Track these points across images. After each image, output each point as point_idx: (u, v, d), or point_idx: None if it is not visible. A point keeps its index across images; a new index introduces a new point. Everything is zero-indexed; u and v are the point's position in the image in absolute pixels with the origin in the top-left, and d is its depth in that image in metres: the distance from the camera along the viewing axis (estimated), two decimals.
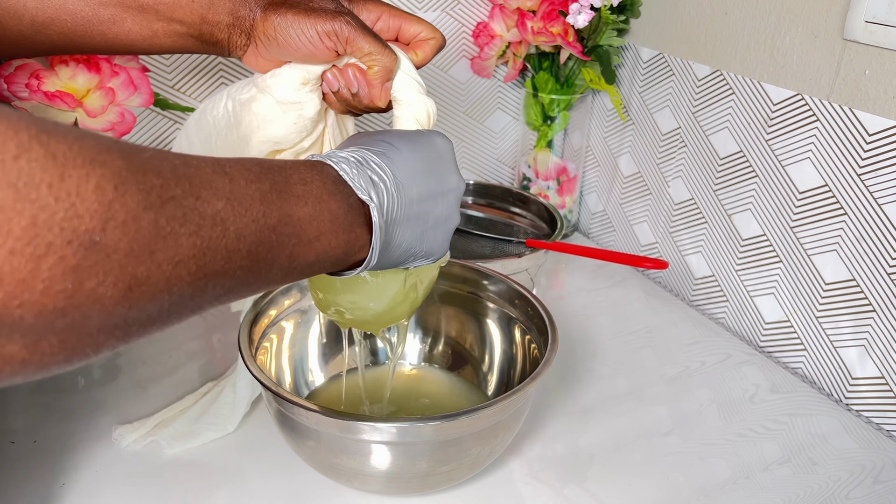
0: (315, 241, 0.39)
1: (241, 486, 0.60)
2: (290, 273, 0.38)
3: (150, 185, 0.28)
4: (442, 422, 0.50)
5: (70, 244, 0.25)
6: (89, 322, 0.27)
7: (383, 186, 0.43)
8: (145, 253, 0.28)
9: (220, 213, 0.32)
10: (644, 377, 0.75)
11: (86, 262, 0.25)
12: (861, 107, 0.68)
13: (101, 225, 0.26)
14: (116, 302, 0.27)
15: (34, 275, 0.24)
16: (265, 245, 0.35)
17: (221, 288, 0.33)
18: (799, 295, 0.77)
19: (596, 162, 1.04)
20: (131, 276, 0.27)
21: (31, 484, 0.59)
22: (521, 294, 0.66)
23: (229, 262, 0.33)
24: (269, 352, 0.64)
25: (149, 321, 0.30)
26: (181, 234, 0.29)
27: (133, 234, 0.27)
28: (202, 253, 0.31)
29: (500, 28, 0.95)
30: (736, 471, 0.63)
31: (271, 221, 0.35)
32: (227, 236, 0.32)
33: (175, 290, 0.30)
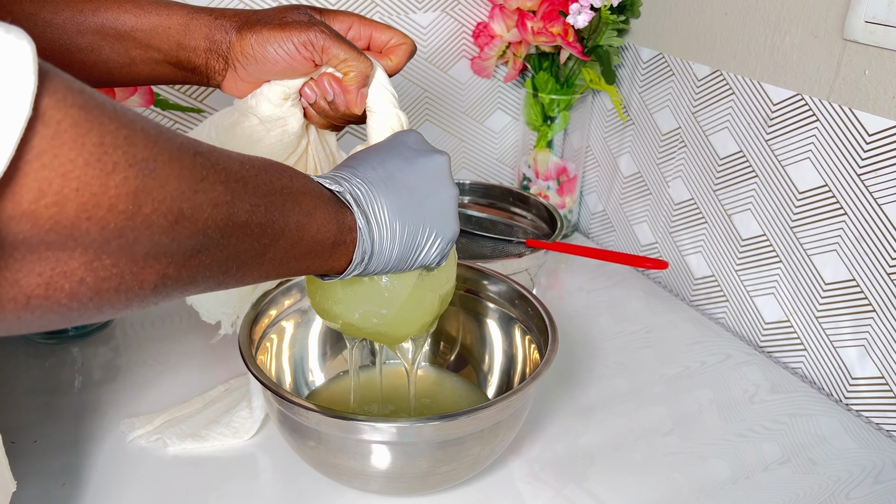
0: (313, 212, 0.42)
1: (242, 485, 0.60)
2: (298, 246, 0.41)
3: (180, 141, 0.33)
4: (442, 422, 0.50)
5: (132, 167, 0.29)
6: (138, 247, 0.30)
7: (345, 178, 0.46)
8: (190, 191, 0.32)
9: (239, 171, 0.36)
10: (644, 377, 0.75)
11: (144, 187, 0.29)
12: (861, 107, 0.68)
13: (153, 156, 0.30)
14: (163, 231, 0.31)
15: (104, 189, 0.28)
16: (277, 207, 0.39)
17: (243, 244, 0.37)
18: (799, 295, 0.77)
19: (596, 162, 1.04)
20: (179, 210, 0.31)
21: (31, 484, 0.59)
22: (522, 294, 0.66)
23: (251, 215, 0.37)
24: (269, 352, 0.64)
25: (183, 263, 0.33)
26: (214, 180, 0.34)
27: (179, 171, 0.31)
28: (231, 200, 0.35)
29: (500, 28, 0.95)
30: (736, 471, 0.63)
31: (276, 187, 0.39)
32: (247, 191, 0.37)
33: (209, 233, 0.34)
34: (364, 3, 0.90)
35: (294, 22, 0.54)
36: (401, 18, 0.94)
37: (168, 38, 0.55)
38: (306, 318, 0.68)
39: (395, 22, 0.93)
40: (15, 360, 0.73)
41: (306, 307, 0.68)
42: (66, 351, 0.75)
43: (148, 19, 0.54)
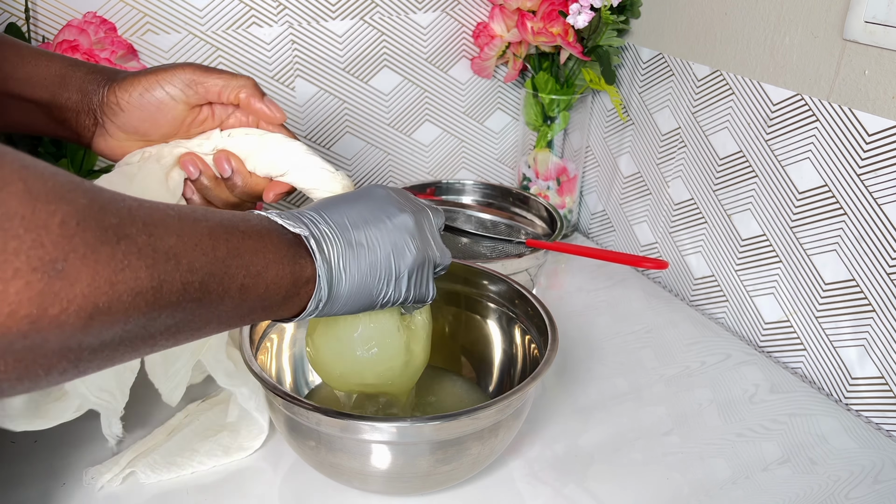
0: (263, 272, 0.40)
1: (241, 485, 0.60)
2: (242, 306, 0.39)
3: (107, 224, 0.30)
4: (442, 422, 0.50)
5: (35, 271, 0.27)
6: (47, 345, 0.28)
7: (312, 220, 0.45)
8: (107, 284, 0.30)
9: (172, 248, 0.34)
10: (644, 377, 0.75)
11: (50, 289, 0.27)
12: (861, 107, 0.69)
13: (63, 255, 0.28)
14: (77, 329, 0.29)
15: (2, 298, 0.26)
16: (216, 277, 0.36)
17: (173, 319, 0.34)
18: (799, 295, 0.77)
19: (596, 162, 1.04)
20: (93, 306, 0.29)
21: (31, 484, 0.59)
22: (521, 294, 0.66)
23: (184, 294, 0.34)
24: (269, 351, 0.64)
25: (101, 348, 0.31)
26: (138, 266, 0.31)
27: (93, 266, 0.29)
28: (159, 284, 0.32)
29: (500, 28, 0.95)
30: (736, 471, 0.63)
31: (220, 254, 0.37)
32: (180, 269, 0.34)
33: (131, 320, 0.32)
34: (364, 3, 0.91)
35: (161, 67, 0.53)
36: (401, 18, 0.94)
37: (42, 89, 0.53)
38: None
39: (395, 22, 0.93)
40: None
41: None
42: None
43: (24, 69, 0.53)
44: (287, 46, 0.89)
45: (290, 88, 0.91)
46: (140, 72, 0.53)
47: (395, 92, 0.97)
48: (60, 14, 0.77)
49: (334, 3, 0.89)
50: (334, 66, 0.92)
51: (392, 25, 0.94)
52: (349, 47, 0.92)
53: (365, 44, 0.93)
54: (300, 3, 0.87)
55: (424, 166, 1.04)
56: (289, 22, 0.88)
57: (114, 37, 0.72)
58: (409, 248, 0.48)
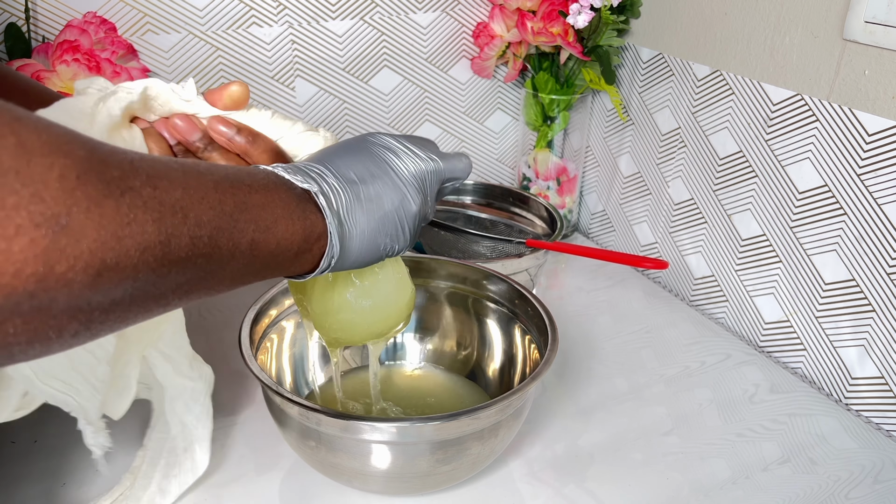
0: (273, 227, 0.39)
1: (242, 485, 0.60)
2: (254, 262, 0.38)
3: (109, 177, 0.29)
4: (442, 422, 0.50)
5: (38, 227, 0.26)
6: (55, 304, 0.28)
7: (319, 174, 0.44)
8: (113, 239, 0.29)
9: (178, 202, 0.33)
10: (644, 377, 0.75)
11: (55, 245, 0.26)
12: (861, 107, 0.69)
13: (66, 210, 0.27)
14: (85, 286, 0.28)
15: (6, 256, 0.25)
16: (225, 232, 0.35)
17: (183, 276, 0.33)
18: (798, 295, 0.77)
19: (596, 162, 1.04)
20: (101, 261, 0.28)
21: (31, 484, 0.59)
22: (521, 294, 0.66)
23: (193, 249, 0.33)
24: (269, 351, 0.64)
25: (111, 307, 0.30)
26: (145, 220, 0.30)
27: (98, 220, 0.28)
28: (167, 239, 0.31)
29: (500, 28, 0.95)
30: (736, 471, 0.63)
31: (227, 208, 0.36)
32: (188, 223, 0.33)
33: (140, 276, 0.31)
34: (364, 3, 0.91)
35: None
36: (401, 18, 0.94)
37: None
38: None
39: (395, 22, 0.93)
40: None
41: None
42: None
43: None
44: (287, 46, 0.89)
45: (290, 88, 0.91)
46: None
47: (395, 92, 0.97)
48: (60, 14, 0.77)
49: (334, 3, 0.89)
50: (334, 66, 0.92)
51: (392, 25, 0.94)
52: (349, 47, 0.92)
53: (365, 44, 0.93)
54: (300, 3, 0.87)
55: None
56: (289, 22, 0.88)
57: (114, 37, 0.72)
58: (413, 200, 0.47)
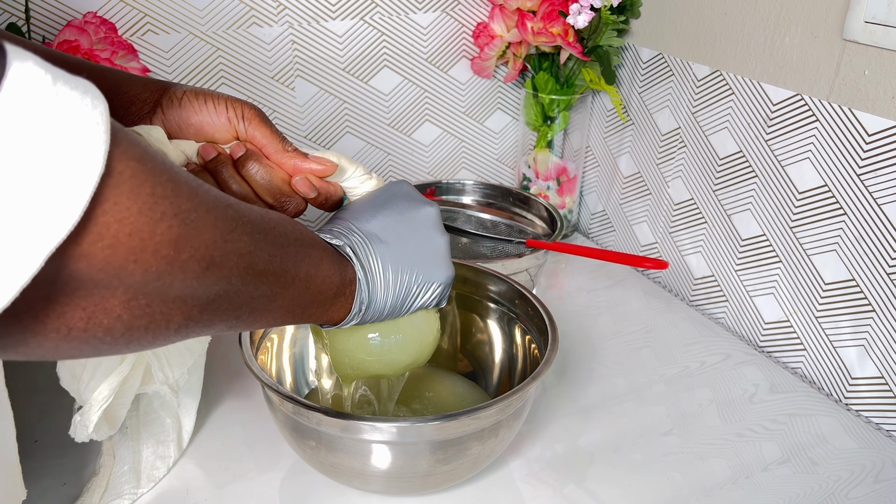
0: (320, 264, 0.44)
1: (242, 485, 0.60)
2: (304, 295, 0.44)
3: (214, 195, 0.35)
4: (442, 421, 0.50)
5: (176, 216, 0.31)
6: (171, 290, 0.33)
7: (340, 232, 0.49)
8: (221, 240, 0.35)
9: (259, 223, 0.39)
10: (644, 377, 0.75)
11: (185, 234, 0.32)
12: (861, 107, 0.69)
13: (194, 207, 0.32)
14: (195, 276, 0.33)
15: (151, 236, 0.30)
16: (290, 258, 0.41)
17: (257, 290, 0.39)
18: (798, 295, 0.77)
19: (596, 162, 1.04)
20: (210, 257, 0.34)
21: (31, 484, 0.59)
22: (522, 294, 0.66)
23: (269, 265, 0.39)
24: (269, 351, 0.64)
25: (206, 306, 0.36)
26: (242, 231, 0.36)
27: (214, 221, 0.34)
28: (254, 251, 0.37)
29: (500, 28, 0.95)
30: (736, 471, 0.63)
31: (290, 238, 0.42)
32: (267, 242, 0.39)
33: (232, 280, 0.36)
34: (364, 3, 0.91)
35: (234, 98, 0.53)
36: (401, 18, 0.94)
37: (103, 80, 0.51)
38: None
39: (395, 22, 0.93)
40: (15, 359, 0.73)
41: None
42: None
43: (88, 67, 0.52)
44: (287, 46, 0.89)
45: (290, 88, 0.91)
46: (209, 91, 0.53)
47: (395, 92, 0.97)
48: (60, 14, 0.77)
49: (334, 3, 0.89)
50: (334, 66, 0.92)
51: (392, 25, 0.94)
52: (349, 47, 0.92)
53: (365, 44, 0.93)
54: (300, 3, 0.87)
55: (424, 166, 1.04)
56: (289, 22, 0.88)
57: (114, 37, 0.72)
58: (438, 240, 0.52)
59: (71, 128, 0.26)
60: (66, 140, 0.26)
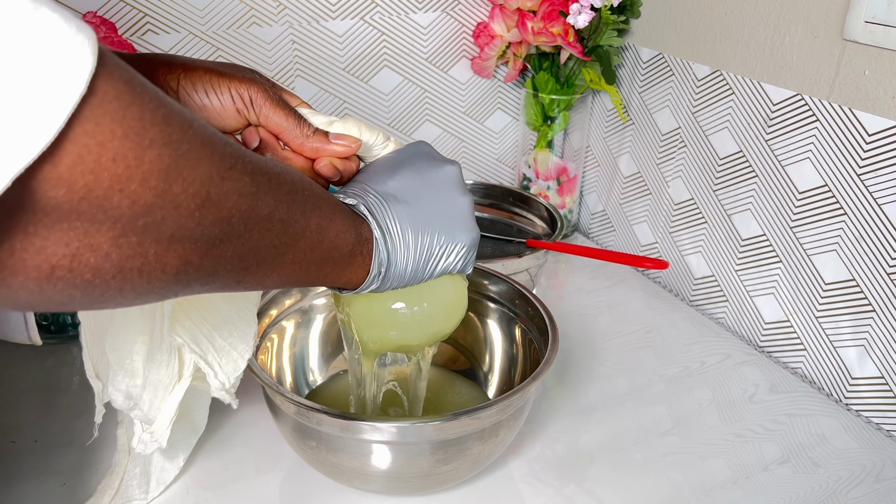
0: (333, 218, 0.42)
1: (242, 485, 0.60)
2: (316, 250, 0.41)
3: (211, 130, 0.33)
4: (442, 422, 0.50)
5: (166, 145, 0.29)
6: (164, 227, 0.30)
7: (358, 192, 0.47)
8: (218, 177, 0.32)
9: (263, 167, 0.36)
10: (644, 377, 0.75)
11: (176, 166, 0.30)
12: (861, 107, 0.69)
13: (187, 139, 0.30)
14: (190, 213, 0.31)
15: (138, 163, 0.28)
16: (299, 205, 0.39)
17: (263, 239, 0.37)
18: (799, 295, 0.77)
19: (596, 162, 1.04)
20: (206, 194, 0.32)
21: (31, 483, 0.59)
22: (522, 294, 0.66)
23: (275, 210, 0.37)
24: (269, 351, 0.64)
25: (206, 247, 0.33)
26: (241, 170, 0.34)
27: (209, 155, 0.32)
28: (256, 191, 0.35)
29: (500, 28, 0.95)
30: (736, 471, 0.63)
31: (298, 187, 0.39)
32: (271, 186, 0.36)
33: (233, 222, 0.34)
34: (364, 3, 0.91)
35: (235, 73, 0.49)
36: (401, 18, 0.94)
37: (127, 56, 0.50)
38: (306, 318, 0.68)
39: (395, 22, 0.93)
40: (15, 359, 0.73)
41: (306, 307, 0.68)
42: (66, 350, 0.75)
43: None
44: (287, 46, 0.89)
45: (291, 88, 0.91)
46: (212, 66, 0.50)
47: (395, 92, 0.97)
48: None
49: (334, 3, 0.89)
50: (334, 66, 0.92)
51: (392, 25, 0.94)
52: (349, 47, 0.92)
53: (365, 44, 0.93)
54: (300, 3, 0.87)
55: None
56: (289, 22, 0.88)
57: (114, 37, 0.72)
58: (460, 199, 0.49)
59: (51, 45, 0.25)
60: (46, 57, 0.25)
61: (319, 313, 0.69)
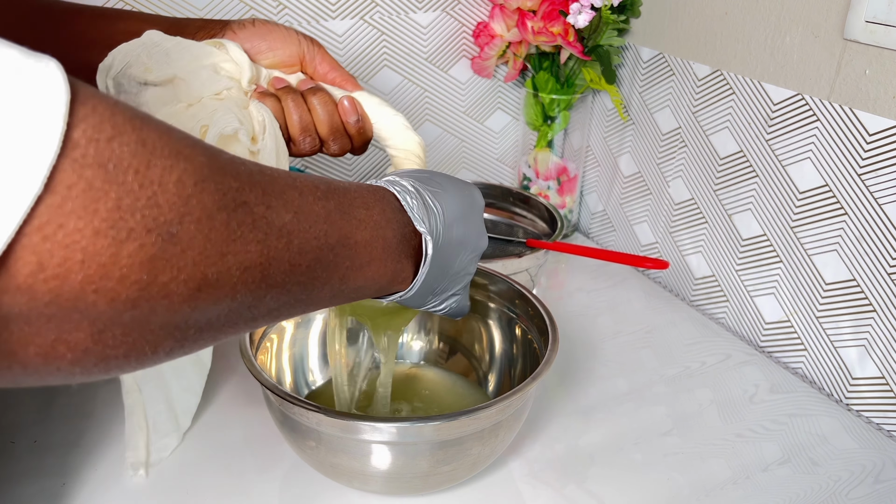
0: (366, 266, 0.39)
1: (242, 485, 0.60)
2: (338, 295, 0.38)
3: (227, 187, 0.28)
4: (442, 422, 0.50)
5: (150, 233, 0.25)
6: (154, 318, 0.27)
7: (436, 220, 0.44)
8: (217, 254, 0.28)
9: (286, 226, 0.32)
10: (644, 377, 0.75)
11: (162, 254, 0.26)
12: (861, 107, 0.68)
13: (179, 218, 0.26)
14: (184, 300, 0.27)
15: (114, 260, 0.24)
16: (322, 263, 0.35)
17: (277, 301, 0.33)
18: (799, 295, 0.77)
19: (596, 162, 1.04)
20: (202, 276, 0.28)
21: (31, 483, 0.59)
22: (522, 294, 0.66)
23: (289, 276, 0.33)
24: (269, 351, 0.64)
25: (206, 326, 0.30)
26: (250, 239, 0.30)
27: (207, 233, 0.27)
28: (267, 262, 0.31)
29: (500, 28, 0.95)
30: (736, 471, 0.63)
31: (331, 241, 0.35)
32: (290, 249, 0.32)
33: (238, 297, 0.30)
34: (364, 3, 0.90)
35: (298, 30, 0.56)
36: (401, 18, 0.94)
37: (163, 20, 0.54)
38: (306, 317, 0.68)
39: (395, 22, 0.93)
40: None
41: None
42: None
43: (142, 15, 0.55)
44: None
45: None
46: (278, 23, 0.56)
47: (395, 92, 0.97)
48: None
49: (334, 3, 0.89)
50: None
51: (392, 25, 0.93)
52: (349, 47, 0.92)
53: (365, 44, 0.93)
54: (300, 3, 0.87)
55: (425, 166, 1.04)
56: (289, 22, 0.88)
57: None
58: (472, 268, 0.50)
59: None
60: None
61: (319, 314, 0.69)
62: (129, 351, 0.27)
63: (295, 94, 0.54)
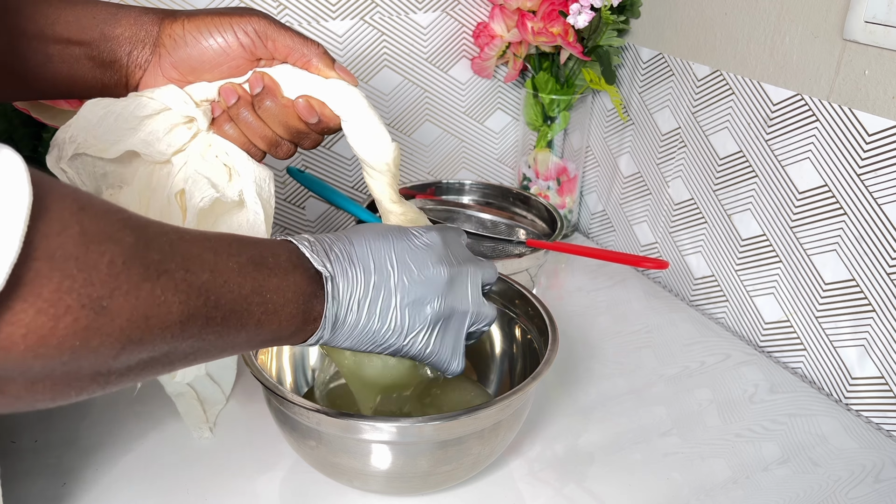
0: (280, 311, 0.41)
1: (242, 485, 0.60)
2: (254, 339, 0.40)
3: (150, 260, 0.32)
4: (442, 421, 0.50)
5: (84, 308, 0.29)
6: (81, 371, 0.31)
7: (338, 255, 0.44)
8: (142, 318, 0.31)
9: (204, 284, 0.35)
10: (644, 377, 0.75)
11: (94, 324, 0.29)
12: (861, 107, 0.69)
13: (109, 293, 0.30)
14: (110, 356, 0.31)
15: (52, 332, 0.28)
16: (237, 313, 0.38)
17: (192, 348, 0.36)
18: (799, 295, 0.77)
19: (596, 162, 1.04)
20: (127, 338, 0.31)
21: (31, 483, 0.59)
22: (522, 294, 0.66)
23: (205, 328, 0.36)
24: (269, 351, 0.64)
25: (126, 372, 0.33)
26: (172, 302, 0.33)
27: (133, 302, 0.31)
28: (186, 319, 0.34)
29: (500, 28, 0.95)
30: (736, 471, 0.63)
31: (245, 292, 0.38)
32: (207, 305, 0.35)
33: (156, 348, 0.33)
34: (364, 3, 0.91)
35: (236, 12, 0.50)
36: (401, 18, 0.94)
37: (92, 28, 0.51)
38: None
39: (395, 22, 0.93)
40: None
41: None
42: None
43: (73, 11, 0.51)
44: None
45: None
46: (210, 9, 0.51)
47: (395, 92, 0.97)
48: None
49: (334, 3, 0.89)
50: None
51: (392, 25, 0.94)
52: (349, 47, 0.92)
53: (365, 44, 0.93)
54: (300, 3, 0.87)
55: (424, 166, 1.04)
56: (289, 22, 0.88)
57: None
58: (431, 302, 0.47)
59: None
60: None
61: None
62: (56, 396, 0.31)
63: (248, 108, 0.52)
